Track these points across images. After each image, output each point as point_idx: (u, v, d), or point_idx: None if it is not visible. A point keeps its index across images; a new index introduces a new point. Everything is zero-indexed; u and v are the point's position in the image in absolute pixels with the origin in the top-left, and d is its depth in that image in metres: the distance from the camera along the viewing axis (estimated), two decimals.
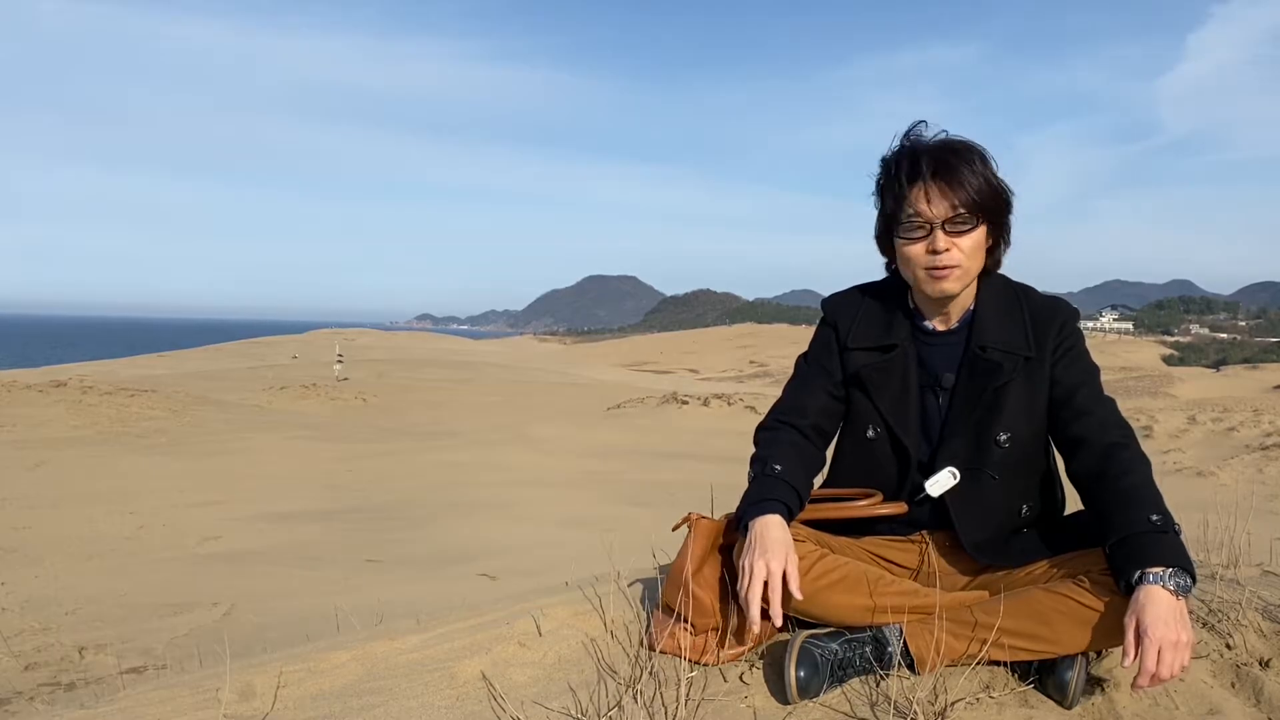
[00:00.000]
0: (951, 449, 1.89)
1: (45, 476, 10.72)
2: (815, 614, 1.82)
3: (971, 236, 1.83)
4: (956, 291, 1.88)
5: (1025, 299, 1.94)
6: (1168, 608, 1.54)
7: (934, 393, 1.93)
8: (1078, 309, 1.99)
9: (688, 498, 9.42)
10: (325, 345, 46.08)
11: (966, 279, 1.87)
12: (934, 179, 1.81)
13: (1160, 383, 44.70)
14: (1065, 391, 1.87)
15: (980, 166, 1.84)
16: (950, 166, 1.81)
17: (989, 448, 1.87)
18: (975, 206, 1.81)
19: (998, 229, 1.89)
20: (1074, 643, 1.67)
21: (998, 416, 1.86)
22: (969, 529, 1.89)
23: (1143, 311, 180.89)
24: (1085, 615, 1.66)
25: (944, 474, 1.88)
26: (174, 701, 1.96)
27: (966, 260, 1.84)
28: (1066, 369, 1.89)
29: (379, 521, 8.98)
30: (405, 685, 1.96)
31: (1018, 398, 1.87)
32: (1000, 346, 1.87)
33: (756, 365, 70.10)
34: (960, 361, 1.91)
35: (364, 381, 25.93)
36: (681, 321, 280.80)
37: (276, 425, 16.17)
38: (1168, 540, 1.61)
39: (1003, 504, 1.90)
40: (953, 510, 1.89)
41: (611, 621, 2.13)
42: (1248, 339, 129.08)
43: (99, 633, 5.14)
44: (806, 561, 1.81)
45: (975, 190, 1.81)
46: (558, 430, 16.91)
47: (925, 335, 1.96)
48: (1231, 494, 10.03)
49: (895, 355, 1.94)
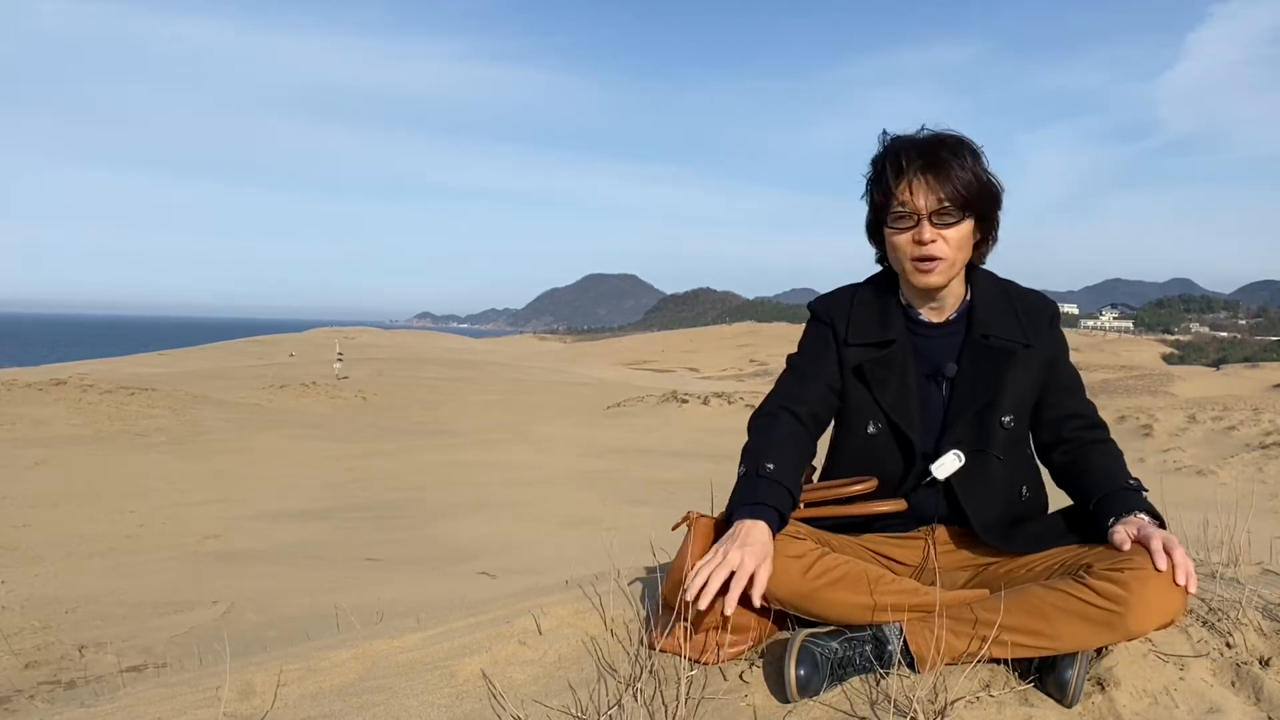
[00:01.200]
0: (956, 434, 1.92)
1: (45, 475, 10.72)
2: (815, 612, 1.82)
3: (957, 230, 1.86)
4: (941, 284, 1.90)
5: (1013, 294, 2.00)
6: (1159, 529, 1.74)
7: (935, 383, 1.95)
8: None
9: (688, 496, 9.42)
10: (325, 344, 46.09)
11: (951, 272, 1.90)
12: (922, 172, 1.83)
13: (1160, 381, 44.68)
14: (1053, 383, 1.97)
15: (970, 161, 1.87)
16: (939, 160, 1.84)
17: (994, 429, 1.90)
18: (961, 201, 1.84)
19: (986, 224, 1.93)
20: (1074, 640, 1.68)
21: (1003, 399, 1.90)
22: (977, 509, 1.91)
23: (1143, 310, 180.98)
24: (1086, 612, 1.66)
25: (949, 456, 1.90)
26: (174, 700, 1.96)
27: (952, 253, 1.86)
28: (1059, 370, 1.98)
29: (379, 520, 8.99)
30: (405, 684, 1.96)
31: (1017, 382, 1.92)
32: (1001, 334, 1.93)
33: (756, 364, 70.11)
34: (961, 351, 1.94)
35: (364, 380, 25.95)
36: (681, 320, 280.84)
37: (276, 424, 16.17)
38: (1146, 499, 1.83)
39: (1006, 483, 1.94)
40: (960, 491, 1.91)
41: (611, 620, 2.13)
42: (1248, 337, 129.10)
43: (99, 631, 5.14)
44: (807, 560, 1.81)
45: (963, 185, 1.84)
46: (558, 429, 16.92)
47: (920, 328, 1.98)
48: (1231, 493, 10.03)
49: (894, 350, 1.95)
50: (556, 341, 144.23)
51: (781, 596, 1.81)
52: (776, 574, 1.78)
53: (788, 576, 1.79)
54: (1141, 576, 1.65)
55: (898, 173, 1.85)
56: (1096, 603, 1.66)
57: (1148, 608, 1.65)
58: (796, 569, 1.80)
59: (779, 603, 1.84)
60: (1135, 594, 1.64)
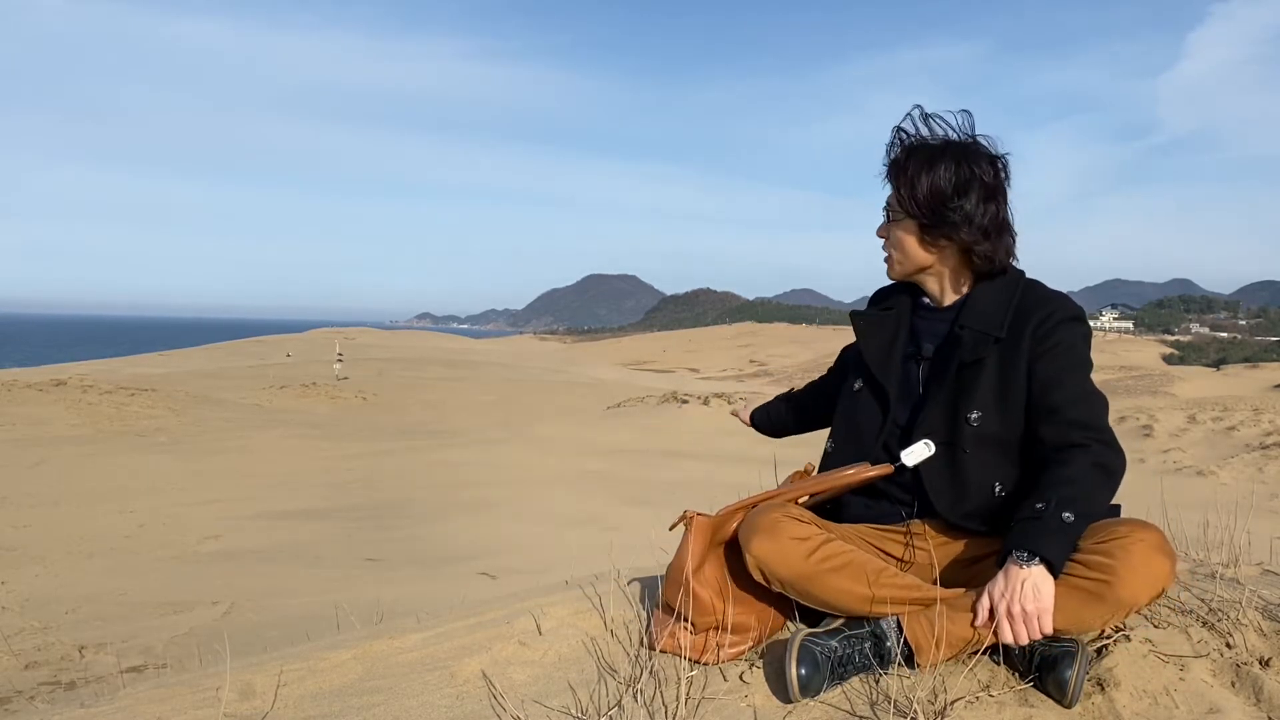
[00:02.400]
0: (928, 421, 1.94)
1: (45, 475, 10.73)
2: (815, 595, 1.83)
3: (901, 229, 1.97)
4: (895, 277, 2.06)
5: (1024, 289, 1.95)
6: (1014, 580, 1.68)
7: (916, 362, 2.02)
8: (1080, 309, 1.95)
9: (688, 496, 9.42)
10: (325, 344, 46.11)
11: (904, 269, 2.02)
12: (890, 171, 1.98)
13: (1160, 382, 44.69)
14: (1040, 387, 1.87)
15: (943, 171, 1.89)
16: (900, 165, 1.96)
17: (961, 424, 1.91)
18: (903, 202, 1.95)
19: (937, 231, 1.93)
20: (1067, 615, 1.70)
21: (971, 395, 1.91)
22: (941, 501, 1.92)
23: (1143, 310, 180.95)
24: (1076, 584, 1.69)
25: (919, 445, 1.93)
26: (174, 700, 1.96)
27: (896, 251, 2.00)
28: (1045, 365, 1.87)
29: (379, 520, 8.99)
30: (405, 684, 1.96)
31: (991, 380, 1.90)
32: (977, 327, 1.93)
33: (756, 364, 70.13)
34: (944, 338, 2.00)
35: (364, 380, 25.95)
36: (682, 321, 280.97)
37: (276, 424, 16.18)
38: (1036, 525, 1.71)
39: (974, 480, 1.92)
40: (925, 481, 1.93)
41: (611, 620, 2.13)
42: (1248, 338, 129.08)
43: (99, 631, 5.15)
44: (811, 543, 1.84)
45: (910, 189, 1.93)
46: (558, 429, 16.92)
47: (923, 310, 2.06)
48: (1231, 493, 10.04)
49: (890, 315, 2.09)
50: (556, 342, 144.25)
51: (783, 577, 1.83)
52: (780, 554, 1.82)
53: (792, 557, 1.82)
54: (1126, 545, 1.69)
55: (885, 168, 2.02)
56: (1086, 575, 1.69)
57: (1134, 574, 1.67)
58: (801, 551, 1.82)
59: (780, 583, 1.85)
60: (1121, 561, 1.67)
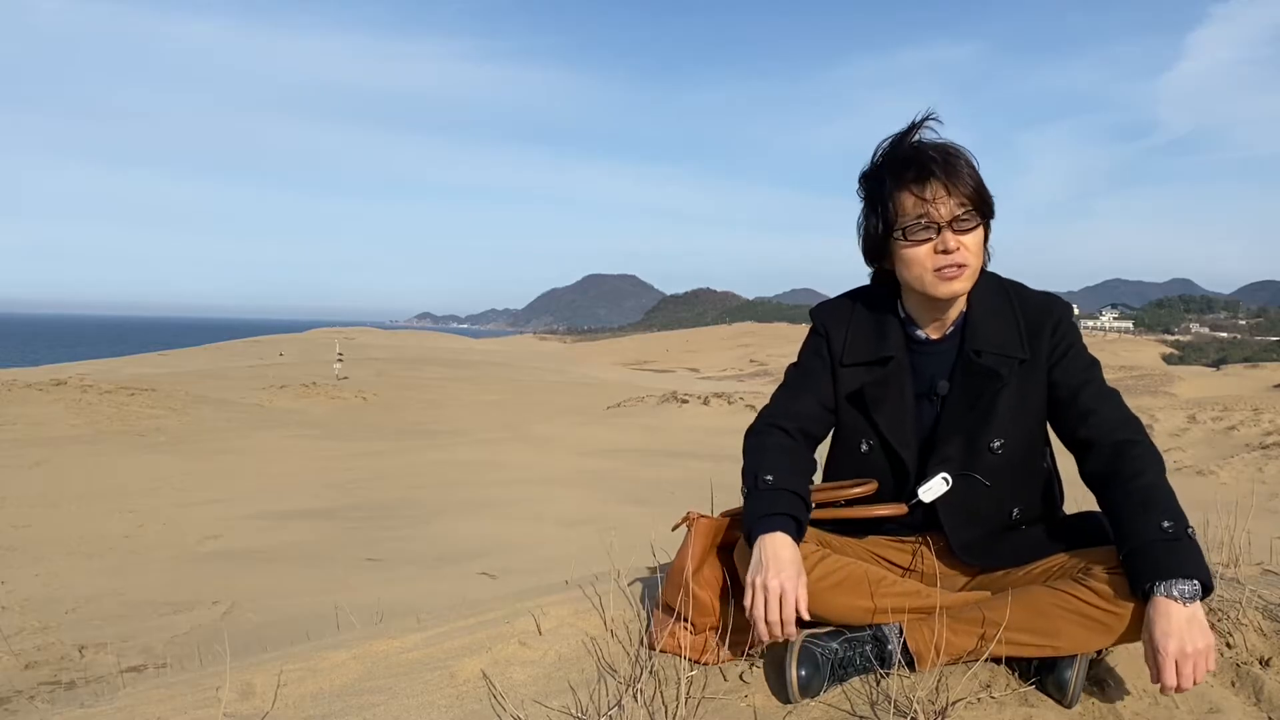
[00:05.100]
0: (944, 454, 1.88)
1: (45, 475, 10.73)
2: (817, 613, 1.81)
3: (975, 234, 1.82)
4: (966, 290, 1.85)
5: (1016, 298, 1.92)
6: (1178, 619, 1.54)
7: (929, 400, 1.92)
8: (1069, 303, 1.96)
9: (688, 496, 9.42)
10: (325, 344, 46.07)
11: (974, 278, 1.85)
12: (938, 178, 1.78)
13: (1160, 382, 44.67)
14: (1069, 393, 1.84)
15: (974, 165, 1.84)
16: (953, 165, 1.79)
17: (982, 453, 1.86)
18: (978, 204, 1.80)
19: (988, 229, 1.88)
20: (1074, 642, 1.67)
21: (991, 422, 1.85)
22: (956, 531, 1.89)
23: (1143, 310, 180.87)
24: (1087, 613, 1.66)
25: (936, 480, 1.87)
26: (174, 700, 1.96)
27: (974, 259, 1.82)
28: (1066, 370, 1.85)
29: (379, 520, 8.99)
30: (405, 684, 1.96)
31: (1011, 402, 1.85)
32: (994, 350, 1.85)
33: (756, 364, 70.09)
34: (954, 367, 1.89)
35: (364, 380, 25.93)
36: (681, 320, 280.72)
37: (276, 424, 16.18)
38: (1179, 548, 1.59)
39: (992, 508, 1.89)
40: (941, 513, 1.89)
41: (611, 620, 2.13)
42: (1248, 337, 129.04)
43: (99, 631, 5.15)
44: (809, 562, 1.80)
45: (975, 187, 1.80)
46: (558, 429, 16.92)
47: (918, 344, 1.94)
48: (1231, 493, 10.02)
49: (891, 368, 1.91)
50: (556, 341, 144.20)
51: None
52: None
53: None
54: None
55: (916, 180, 1.79)
56: (1097, 604, 1.65)
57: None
58: None
59: None
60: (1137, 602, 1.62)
